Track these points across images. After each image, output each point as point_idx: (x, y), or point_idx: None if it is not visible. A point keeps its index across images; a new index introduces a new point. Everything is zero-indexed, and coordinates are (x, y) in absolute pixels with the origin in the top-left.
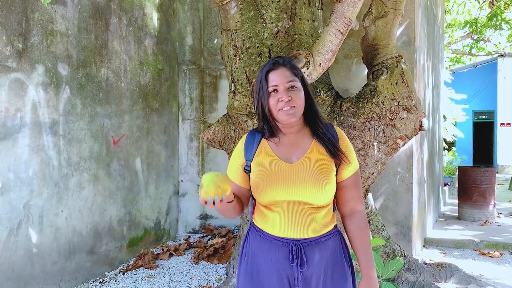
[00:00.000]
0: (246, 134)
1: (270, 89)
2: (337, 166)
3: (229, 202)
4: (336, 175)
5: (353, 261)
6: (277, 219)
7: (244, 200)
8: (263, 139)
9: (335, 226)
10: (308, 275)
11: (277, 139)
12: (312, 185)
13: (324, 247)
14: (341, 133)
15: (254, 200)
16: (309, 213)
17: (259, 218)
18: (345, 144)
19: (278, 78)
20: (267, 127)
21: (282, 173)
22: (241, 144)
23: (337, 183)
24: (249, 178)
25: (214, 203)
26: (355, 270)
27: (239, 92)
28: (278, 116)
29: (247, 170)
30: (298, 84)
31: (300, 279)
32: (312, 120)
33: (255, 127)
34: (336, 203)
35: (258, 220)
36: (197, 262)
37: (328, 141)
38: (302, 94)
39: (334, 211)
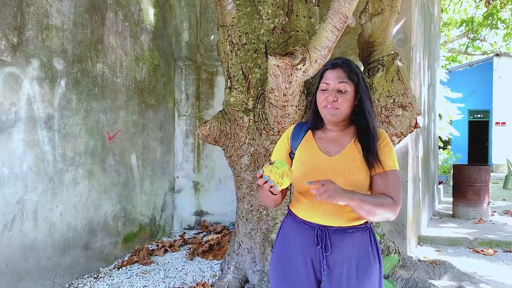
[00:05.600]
0: (293, 125)
1: (322, 86)
2: (370, 167)
3: (274, 194)
4: (371, 172)
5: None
6: (308, 205)
7: (284, 190)
8: (309, 131)
9: (366, 222)
10: (331, 260)
11: (322, 133)
12: (344, 178)
13: (349, 237)
14: (382, 135)
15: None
16: (339, 205)
17: (294, 203)
18: (385, 145)
19: (331, 77)
20: (316, 120)
21: (319, 164)
22: (287, 133)
23: (371, 177)
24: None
25: (266, 183)
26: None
27: (235, 88)
28: (322, 112)
29: (291, 157)
30: (350, 88)
31: (324, 263)
32: (358, 120)
33: (250, 123)
34: None
35: (293, 205)
36: (192, 258)
37: (366, 145)
38: (350, 97)
39: None
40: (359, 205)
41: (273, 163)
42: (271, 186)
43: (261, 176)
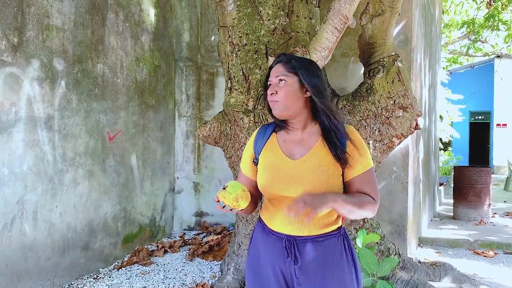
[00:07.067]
0: (259, 128)
1: (268, 83)
2: (344, 166)
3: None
4: (343, 174)
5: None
6: (276, 214)
7: (257, 193)
8: (273, 133)
9: (339, 227)
10: (303, 271)
11: (286, 134)
12: (311, 183)
13: (320, 246)
14: (352, 132)
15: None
16: (308, 212)
17: (263, 211)
18: (355, 144)
19: (273, 73)
20: (279, 121)
21: (283, 168)
22: (252, 137)
23: (345, 182)
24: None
25: (224, 207)
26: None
27: (236, 89)
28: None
29: (255, 163)
30: (290, 79)
31: (296, 274)
32: (320, 118)
33: (250, 124)
34: None
35: (262, 213)
36: (191, 259)
37: (333, 143)
38: (289, 89)
39: None
40: (341, 205)
41: (226, 187)
42: (230, 210)
43: (218, 201)
